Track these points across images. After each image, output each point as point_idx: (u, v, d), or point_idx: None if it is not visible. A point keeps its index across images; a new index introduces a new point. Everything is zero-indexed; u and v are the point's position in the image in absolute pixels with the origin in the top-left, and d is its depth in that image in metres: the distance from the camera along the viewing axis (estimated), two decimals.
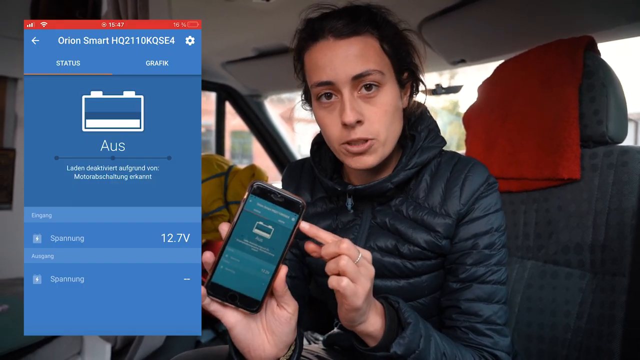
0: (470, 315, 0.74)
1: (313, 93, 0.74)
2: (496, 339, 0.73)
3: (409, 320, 0.63)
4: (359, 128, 0.71)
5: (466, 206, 0.75)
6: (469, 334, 0.73)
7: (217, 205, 2.03)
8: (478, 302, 0.74)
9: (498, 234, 0.76)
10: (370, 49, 0.71)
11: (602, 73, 0.98)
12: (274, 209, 0.54)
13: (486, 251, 0.75)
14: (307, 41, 0.74)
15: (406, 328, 0.62)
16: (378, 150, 0.73)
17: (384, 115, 0.72)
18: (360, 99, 0.71)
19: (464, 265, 0.75)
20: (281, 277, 0.55)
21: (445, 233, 0.75)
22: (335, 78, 0.70)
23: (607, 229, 0.93)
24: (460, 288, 0.75)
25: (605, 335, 0.88)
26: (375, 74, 0.70)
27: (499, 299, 0.75)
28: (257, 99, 2.47)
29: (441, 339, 0.67)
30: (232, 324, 0.56)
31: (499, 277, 0.75)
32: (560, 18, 1.18)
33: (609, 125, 0.97)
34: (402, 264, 0.77)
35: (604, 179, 0.96)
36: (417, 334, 0.63)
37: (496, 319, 0.73)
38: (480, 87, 1.29)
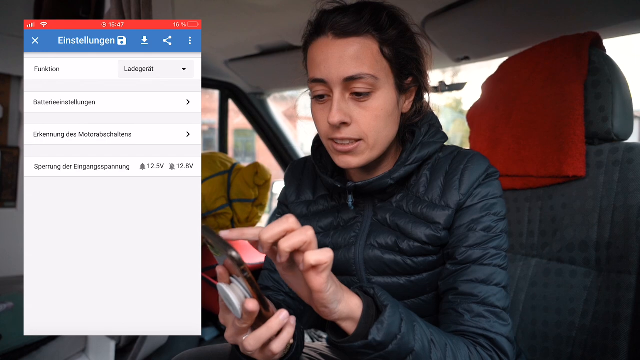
0: (467, 296, 0.70)
1: (310, 88, 0.75)
2: (493, 321, 0.68)
3: (386, 302, 0.59)
4: (344, 129, 0.71)
5: (466, 196, 0.75)
6: (465, 316, 0.68)
7: (221, 203, 2.03)
8: (475, 282, 0.70)
9: (496, 218, 0.74)
10: (367, 52, 0.70)
11: (608, 69, 0.97)
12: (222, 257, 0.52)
13: (483, 233, 0.73)
14: (311, 35, 0.75)
15: (384, 311, 0.58)
16: (365, 152, 0.73)
17: (373, 120, 0.71)
18: (351, 101, 0.71)
19: (461, 247, 0.73)
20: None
21: (445, 224, 0.74)
22: (328, 77, 0.70)
23: (612, 227, 0.93)
24: (457, 270, 0.73)
25: (611, 333, 0.88)
26: (367, 78, 0.69)
27: (498, 281, 0.71)
28: (260, 96, 2.47)
29: (427, 326, 0.62)
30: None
31: (498, 261, 0.72)
32: (565, 14, 1.17)
33: (615, 122, 0.96)
34: (402, 261, 0.77)
35: (610, 176, 0.95)
36: (396, 316, 0.58)
37: (494, 300, 0.69)
38: (484, 84, 1.29)
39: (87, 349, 1.52)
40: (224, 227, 2.09)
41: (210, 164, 2.08)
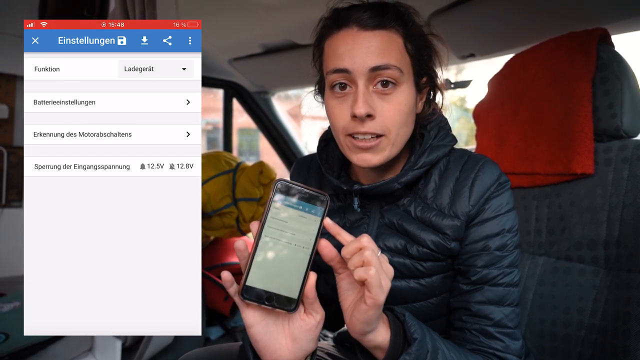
0: (480, 318, 0.72)
1: (328, 81, 0.72)
2: (507, 342, 0.71)
3: (415, 335, 0.61)
4: (368, 122, 0.69)
5: (476, 207, 0.73)
6: (480, 337, 0.71)
7: (226, 203, 2.03)
8: (489, 304, 0.72)
9: (510, 235, 0.73)
10: (394, 45, 0.69)
11: (616, 65, 0.96)
12: (300, 205, 0.55)
13: (497, 253, 0.72)
14: (330, 28, 0.73)
15: (412, 344, 0.60)
16: (385, 149, 0.71)
17: (397, 114, 0.70)
18: (375, 94, 0.70)
19: (475, 267, 0.73)
20: (311, 284, 0.55)
21: (454, 235, 0.73)
22: (352, 67, 0.68)
23: (621, 225, 0.92)
24: (471, 290, 0.73)
25: (621, 332, 0.87)
26: (394, 70, 0.68)
27: (511, 301, 0.73)
28: (264, 95, 2.47)
29: (449, 350, 0.64)
30: (251, 322, 0.56)
31: (511, 279, 0.73)
32: (573, 10, 1.16)
33: (624, 119, 0.95)
34: (411, 265, 0.76)
35: (619, 174, 0.94)
36: (423, 349, 0.61)
37: (507, 322, 0.71)
38: (490, 81, 1.27)
39: (93, 349, 1.53)
40: (228, 226, 2.09)
41: (215, 163, 2.08)
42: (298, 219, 0.55)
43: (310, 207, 0.55)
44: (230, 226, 2.10)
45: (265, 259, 0.54)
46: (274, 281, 0.54)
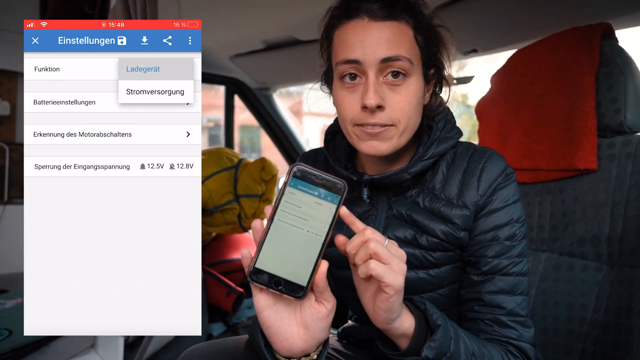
0: (493, 308, 0.73)
1: (337, 72, 0.72)
2: (521, 331, 0.72)
3: (439, 322, 0.62)
4: (378, 113, 0.69)
5: (484, 197, 0.74)
6: (493, 327, 0.72)
7: (227, 199, 2.03)
8: (501, 294, 0.73)
9: (518, 225, 0.75)
10: (404, 36, 0.70)
11: (620, 60, 0.95)
12: (316, 191, 0.54)
13: (507, 242, 0.74)
14: (340, 18, 0.73)
15: (436, 330, 0.61)
16: (394, 138, 0.71)
17: (407, 105, 0.70)
18: (385, 85, 0.70)
19: (485, 257, 0.74)
20: (322, 272, 0.54)
21: (463, 225, 0.74)
22: (363, 58, 0.68)
23: (625, 220, 0.91)
24: (482, 280, 0.74)
25: (624, 328, 0.87)
26: (404, 61, 0.68)
27: (522, 290, 0.74)
28: (266, 92, 2.46)
29: (469, 338, 0.65)
30: (262, 307, 0.56)
31: (521, 268, 0.74)
32: (576, 4, 1.15)
33: (627, 114, 0.94)
34: (421, 255, 0.76)
35: (622, 169, 0.93)
36: (447, 336, 0.61)
37: (519, 310, 0.73)
38: (493, 76, 1.27)
39: (96, 345, 1.53)
40: (230, 222, 2.09)
41: (217, 160, 2.07)
42: (313, 205, 0.54)
43: (327, 194, 0.54)
44: (232, 222, 2.10)
45: (276, 243, 0.53)
46: (284, 266, 0.54)
